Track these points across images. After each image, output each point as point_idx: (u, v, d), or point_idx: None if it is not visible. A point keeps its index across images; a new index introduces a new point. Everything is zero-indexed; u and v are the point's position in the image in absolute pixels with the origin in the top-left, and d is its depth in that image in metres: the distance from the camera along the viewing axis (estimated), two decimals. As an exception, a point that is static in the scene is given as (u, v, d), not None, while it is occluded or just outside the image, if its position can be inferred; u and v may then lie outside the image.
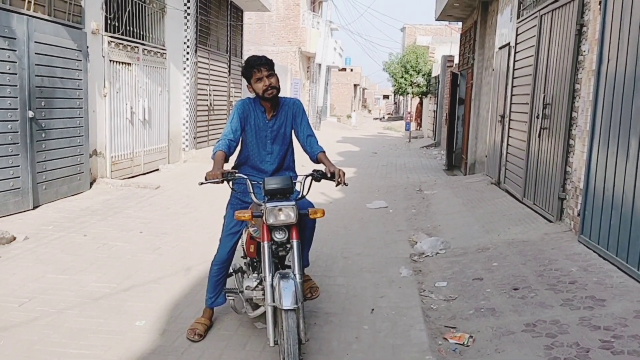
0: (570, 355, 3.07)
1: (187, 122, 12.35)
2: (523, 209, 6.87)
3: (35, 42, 7.02)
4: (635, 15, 4.26)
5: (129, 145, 9.77)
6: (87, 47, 8.24)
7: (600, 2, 4.99)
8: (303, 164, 3.96)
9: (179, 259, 5.29)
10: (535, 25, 7.04)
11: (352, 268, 5.21)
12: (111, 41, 9.02)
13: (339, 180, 3.33)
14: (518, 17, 8.21)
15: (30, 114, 6.92)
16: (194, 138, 12.72)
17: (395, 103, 63.26)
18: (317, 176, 3.36)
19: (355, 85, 53.14)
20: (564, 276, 4.25)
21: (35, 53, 7.03)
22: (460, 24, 16.04)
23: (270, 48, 27.30)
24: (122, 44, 9.38)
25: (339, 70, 44.67)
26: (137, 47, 9.95)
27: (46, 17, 7.35)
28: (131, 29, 9.87)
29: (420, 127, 29.47)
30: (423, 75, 28.42)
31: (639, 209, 4.01)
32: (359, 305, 4.26)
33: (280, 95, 3.66)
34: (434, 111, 23.66)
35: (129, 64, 9.67)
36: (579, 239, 5.06)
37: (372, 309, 4.15)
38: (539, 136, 6.63)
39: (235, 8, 15.77)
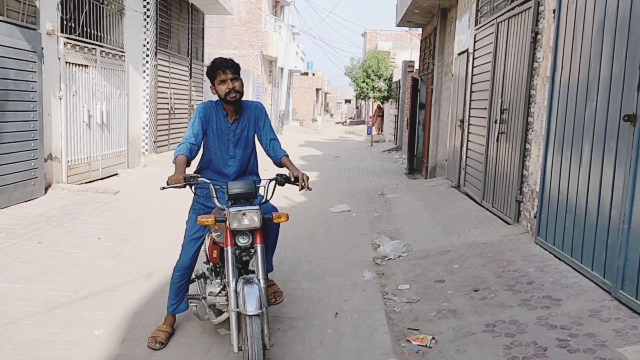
0: (528, 354, 3.15)
1: (147, 125, 12.13)
2: (482, 211, 7.01)
3: (-13, 42, 6.77)
4: (588, 24, 4.42)
5: (86, 150, 9.52)
6: (42, 48, 8.00)
7: (554, 11, 5.16)
8: (265, 168, 3.94)
9: (139, 266, 5.18)
10: (492, 33, 7.22)
11: (315, 272, 5.21)
12: (67, 42, 8.79)
13: (303, 184, 3.33)
14: (476, 24, 8.40)
15: (-18, 117, 6.67)
16: (154, 142, 12.51)
17: (357, 107, 63.73)
18: (281, 180, 3.35)
19: (317, 90, 53.24)
20: (522, 277, 4.35)
21: (-13, 54, 6.79)
22: (420, 30, 16.31)
23: (232, 51, 27.11)
24: (78, 45, 9.15)
25: (301, 74, 44.73)
26: (95, 48, 9.72)
27: (-2, 17, 7.11)
28: (88, 30, 9.65)
29: (380, 131, 29.71)
30: (384, 80, 28.76)
31: (592, 212, 4.15)
32: (323, 309, 4.26)
33: (243, 99, 3.64)
34: (395, 115, 23.94)
35: (86, 66, 9.44)
36: (536, 241, 5.20)
37: (336, 313, 4.16)
38: (497, 140, 6.79)
39: (197, 11, 15.60)
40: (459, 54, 9.71)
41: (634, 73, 3.62)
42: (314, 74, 51.65)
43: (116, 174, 10.65)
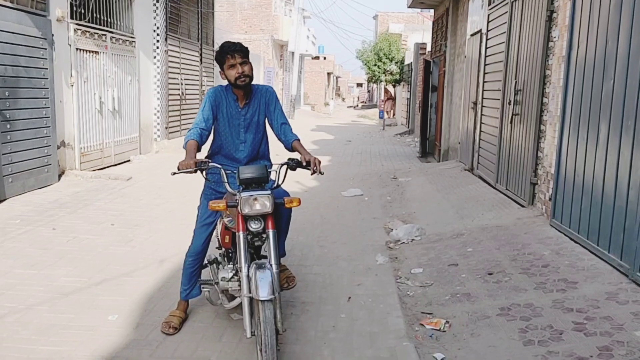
0: (544, 338, 3.12)
1: (158, 112, 12.13)
2: (496, 194, 6.94)
3: (-3, 30, 6.78)
4: (605, 1, 4.30)
5: (98, 136, 9.55)
6: (52, 35, 8.00)
7: (570, -12, 5.03)
8: (277, 152, 3.91)
9: (152, 251, 5.20)
10: (507, 12, 7.07)
11: (328, 257, 5.20)
12: (77, 29, 8.78)
13: (315, 169, 3.29)
14: (489, 4, 8.24)
15: (-6, 104, 6.71)
16: (166, 128, 12.51)
17: (369, 91, 63.35)
18: (293, 165, 3.31)
19: (328, 74, 52.97)
20: (537, 260, 4.30)
21: (-2, 41, 6.80)
22: (432, 11, 16.07)
23: (242, 36, 26.96)
24: (89, 31, 9.13)
25: (312, 58, 44.46)
26: (105, 35, 9.70)
27: (8, 4, 7.09)
28: (98, 16, 9.61)
29: (391, 115, 29.41)
30: (396, 63, 28.49)
31: (609, 193, 4.08)
32: (335, 293, 4.25)
33: (253, 83, 3.60)
34: (408, 99, 23.75)
35: (96, 52, 9.43)
36: (551, 223, 5.13)
37: (349, 297, 4.15)
38: (511, 122, 6.69)
39: (206, -5, 15.50)
40: (472, 35, 9.56)
41: (654, 50, 3.52)
42: (325, 58, 51.37)
43: (128, 161, 10.68)
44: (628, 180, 3.79)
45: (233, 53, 3.44)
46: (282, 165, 3.32)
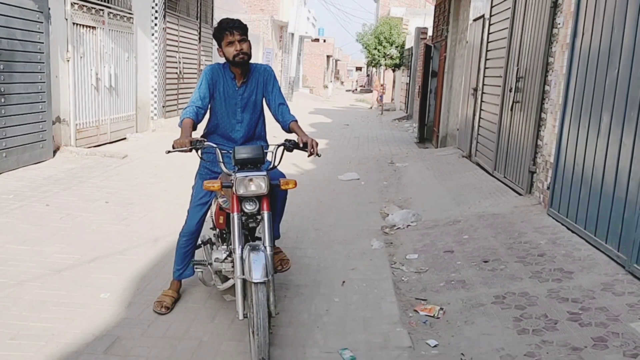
0: (538, 327, 3.10)
1: (155, 90, 12.00)
2: (494, 182, 6.91)
3: (-8, 1, 6.65)
4: (612, -12, 4.22)
5: (94, 113, 9.44)
6: (49, 8, 7.85)
7: (577, -26, 4.94)
8: (275, 134, 3.85)
9: (147, 230, 5.16)
10: (511, -3, 6.97)
11: (323, 240, 5.17)
12: (74, 3, 8.62)
13: (312, 150, 3.24)
14: (493, -11, 8.12)
15: (-12, 77, 6.60)
16: (163, 107, 12.40)
17: (368, 75, 63.02)
18: (289, 146, 3.25)
19: (328, 57, 52.63)
20: (533, 249, 4.28)
21: (-7, 13, 6.68)
22: (434, -5, 15.88)
23: (242, 16, 26.59)
24: (86, 6, 8.98)
25: (312, 40, 44.12)
26: (102, 10, 9.54)
27: (4, -25, 6.95)
28: (96, -10, 9.45)
29: (377, 102, 28.64)
30: (396, 47, 28.25)
31: (608, 183, 4.04)
32: (329, 277, 4.22)
33: (251, 62, 3.52)
34: (407, 84, 23.60)
35: (93, 27, 9.28)
36: (548, 212, 5.10)
37: (343, 282, 4.12)
38: (511, 109, 6.63)
39: (206, -27, 15.27)
40: (475, 20, 9.45)
41: (660, 39, 3.46)
42: (325, 41, 51.01)
43: (124, 138, 10.59)
44: (629, 171, 3.75)
45: (232, 30, 3.36)
46: (279, 146, 3.26)
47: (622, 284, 3.46)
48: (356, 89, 57.26)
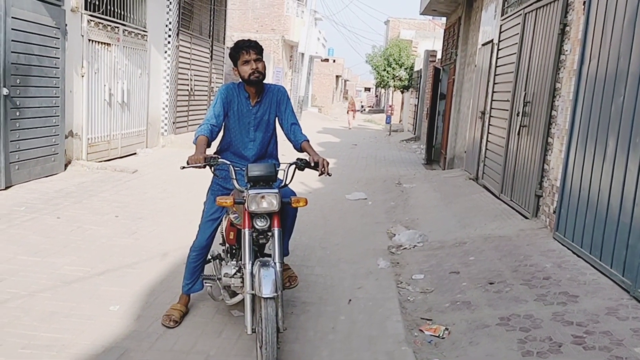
0: (543, 350, 3.12)
1: (166, 106, 12.17)
2: (500, 204, 6.94)
3: (12, 17, 6.82)
4: (619, 17, 4.31)
5: (106, 128, 9.59)
6: (66, 25, 8.04)
7: (584, 3, 5.04)
8: (283, 153, 3.92)
9: (156, 244, 5.22)
10: (519, 23, 7.08)
11: (330, 258, 5.21)
12: (91, 20, 8.82)
13: (323, 169, 3.31)
14: (502, 15, 8.25)
15: (5, 91, 6.75)
16: (174, 123, 12.55)
17: (376, 96, 63.38)
18: (301, 165, 3.33)
19: (337, 77, 53.04)
20: (539, 272, 4.30)
21: (12, 29, 6.84)
22: (444, 19, 16.09)
23: (253, 35, 27.02)
24: (102, 23, 9.18)
25: (321, 60, 44.53)
26: (118, 27, 9.75)
27: (24, -8, 7.15)
28: (112, 8, 9.66)
29: (351, 122, 28.64)
30: (405, 69, 28.48)
31: (614, 208, 4.08)
32: (336, 295, 4.26)
33: (265, 82, 3.62)
34: (415, 105, 23.75)
35: (108, 44, 9.47)
36: (554, 236, 5.13)
37: (350, 300, 4.16)
38: (519, 134, 6.69)
39: (219, -7, 15.55)
40: (483, 45, 9.57)
41: (665, 69, 3.53)
42: (334, 61, 51.44)
43: (135, 153, 10.72)
44: (634, 196, 3.79)
45: (248, 49, 3.47)
46: (291, 164, 3.34)
47: (627, 309, 3.48)
48: (365, 110, 57.45)
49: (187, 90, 13.30)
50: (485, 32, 9.59)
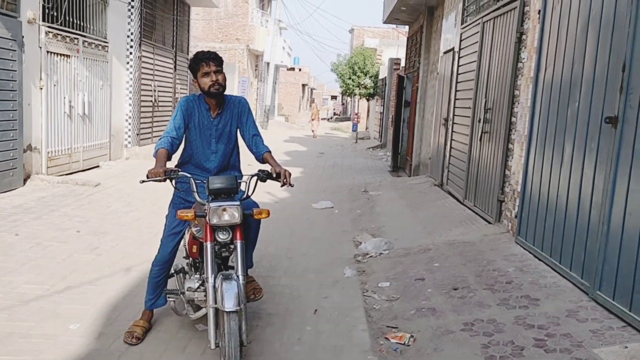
0: (505, 354, 3.17)
1: (130, 117, 11.98)
2: (464, 210, 7.04)
3: (-35, 29, 6.63)
4: (572, 25, 4.44)
5: (67, 141, 9.38)
6: (23, 37, 7.86)
7: (539, 12, 5.18)
8: (250, 163, 3.91)
9: (119, 259, 5.11)
10: (478, 32, 7.24)
11: (296, 268, 5.19)
12: (49, 32, 8.64)
13: (285, 181, 3.31)
14: (462, 23, 8.42)
15: (-41, 105, 6.54)
16: (137, 134, 12.37)
17: (343, 104, 63.74)
18: (263, 176, 3.32)
19: (303, 85, 53.23)
20: (501, 276, 4.38)
21: (-35, 41, 6.65)
22: (407, 27, 16.33)
23: (217, 45, 26.89)
24: (60, 34, 9.00)
25: (287, 69, 44.61)
26: (77, 38, 9.57)
27: (-22, 3, 6.96)
28: (71, 19, 9.48)
29: (316, 131, 28.10)
30: (370, 77, 28.75)
31: (572, 212, 4.18)
32: (302, 306, 4.24)
33: (227, 93, 3.60)
34: (381, 113, 23.97)
35: (68, 55, 9.28)
36: (516, 240, 5.23)
37: (316, 310, 4.15)
38: (480, 140, 6.82)
39: (182, 3, 15.44)
40: (445, 53, 9.74)
41: (617, 75, 3.64)
42: (300, 70, 51.63)
43: (98, 166, 10.51)
44: (590, 200, 3.90)
45: (207, 61, 3.44)
46: (252, 176, 3.33)
47: (586, 311, 3.57)
48: (331, 118, 57.67)
49: (151, 101, 13.13)
50: (446, 40, 9.76)
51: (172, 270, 3.71)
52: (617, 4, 3.76)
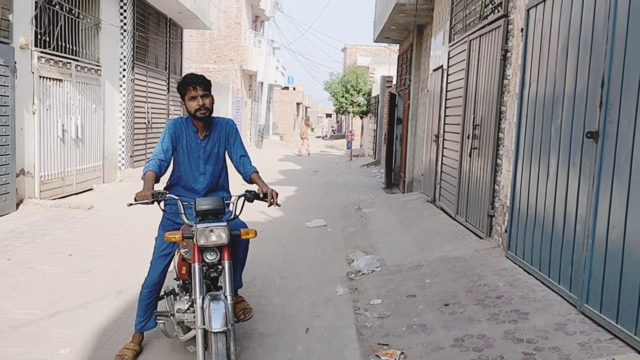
0: (495, 369, 3.18)
1: (123, 140, 12.04)
2: (456, 226, 7.08)
3: (-42, 56, 6.69)
4: (553, 43, 4.53)
5: (60, 164, 9.40)
6: (15, 62, 7.93)
7: (522, 30, 5.28)
8: (243, 182, 3.94)
9: (110, 282, 5.11)
10: (465, 50, 7.35)
11: (289, 288, 5.20)
12: (41, 57, 8.72)
13: (272, 201, 3.34)
14: (450, 41, 8.54)
15: (-49, 131, 6.57)
16: (131, 157, 12.41)
17: (337, 122, 64.03)
18: (250, 197, 3.36)
19: (298, 104, 53.49)
20: (492, 291, 4.40)
21: (-43, 68, 6.71)
22: (398, 46, 16.52)
23: (211, 66, 27.11)
24: (53, 59, 9.08)
25: (281, 88, 44.88)
26: (70, 62, 9.65)
27: (-30, 30, 7.03)
28: (63, 44, 9.58)
29: (305, 149, 27.82)
30: (363, 94, 28.96)
31: (558, 226, 4.22)
32: (294, 325, 4.25)
33: (221, 114, 3.65)
34: (374, 130, 24.11)
35: (60, 80, 9.35)
36: (507, 255, 5.26)
37: (307, 329, 4.16)
38: (470, 156, 6.88)
39: (175, 25, 15.60)
40: (434, 70, 9.86)
41: (596, 91, 3.72)
42: (294, 88, 51.92)
43: (91, 189, 10.53)
44: (575, 214, 3.95)
45: (195, 85, 3.49)
46: (240, 197, 3.36)
47: (574, 324, 3.59)
48: (326, 135, 57.88)
49: (145, 123, 13.20)
50: (435, 58, 9.89)
51: (162, 292, 3.72)
52: (594, 23, 3.85)
